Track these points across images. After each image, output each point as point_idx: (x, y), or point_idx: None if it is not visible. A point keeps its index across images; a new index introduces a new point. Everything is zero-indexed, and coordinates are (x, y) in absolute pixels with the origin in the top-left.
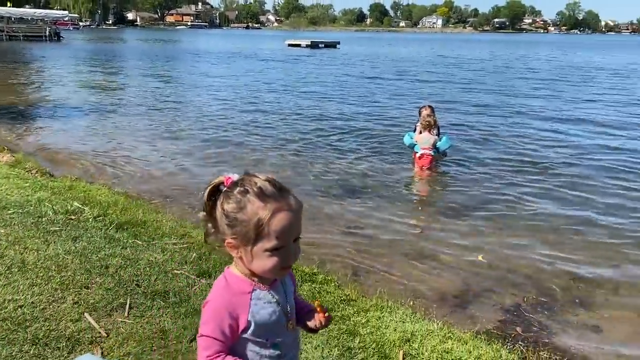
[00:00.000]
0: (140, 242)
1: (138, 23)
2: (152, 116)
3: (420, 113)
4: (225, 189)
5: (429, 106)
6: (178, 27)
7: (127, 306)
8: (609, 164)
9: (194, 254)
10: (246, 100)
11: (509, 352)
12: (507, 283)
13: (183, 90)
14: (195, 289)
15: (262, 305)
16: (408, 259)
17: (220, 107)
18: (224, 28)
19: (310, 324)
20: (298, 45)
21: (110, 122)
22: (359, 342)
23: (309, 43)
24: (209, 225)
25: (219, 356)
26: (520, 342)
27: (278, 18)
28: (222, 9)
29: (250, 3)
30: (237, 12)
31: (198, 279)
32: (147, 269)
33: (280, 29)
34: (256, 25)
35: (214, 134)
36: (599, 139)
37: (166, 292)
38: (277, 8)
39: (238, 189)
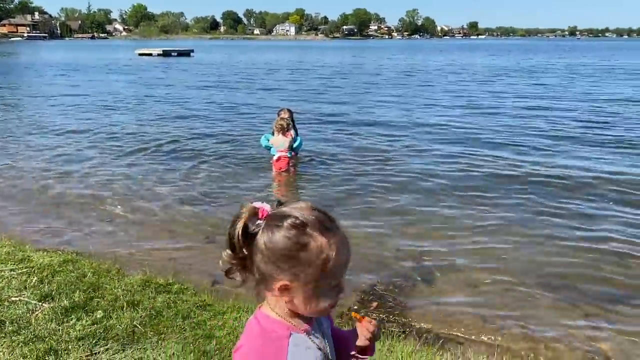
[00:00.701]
0: None
1: None
2: None
3: (278, 115)
4: (264, 222)
5: (288, 110)
6: (13, 38)
7: None
8: (443, 159)
9: (35, 278)
10: (91, 113)
11: None
12: (363, 269)
13: (20, 108)
14: (37, 314)
15: (301, 352)
16: None
17: (62, 123)
18: (67, 39)
19: (360, 342)
20: (149, 55)
21: None
22: (215, 345)
23: (161, 52)
24: (234, 264)
25: None
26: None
27: (126, 27)
28: (62, 19)
29: (95, 12)
30: (80, 22)
31: (40, 303)
32: None
33: (130, 39)
34: (103, 35)
35: (54, 149)
36: (430, 136)
37: (2, 322)
38: (124, 17)
39: (289, 222)
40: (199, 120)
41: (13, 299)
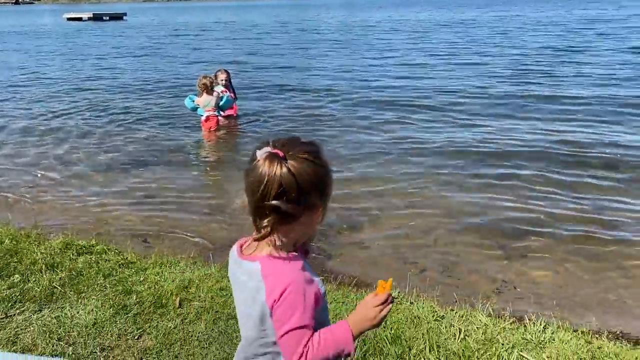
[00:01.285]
0: None
1: None
2: None
3: (216, 77)
4: (290, 160)
5: (225, 70)
6: None
7: None
8: (377, 120)
9: None
10: (17, 79)
11: None
12: None
13: None
14: None
15: (313, 274)
16: (199, 217)
17: None
18: None
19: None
20: (79, 19)
21: None
22: (135, 299)
23: (91, 16)
24: (277, 219)
25: (308, 341)
26: None
27: None
28: None
29: None
30: None
31: None
32: None
33: (58, 3)
34: (28, 0)
35: None
36: (364, 96)
37: None
38: None
39: (312, 152)
40: (127, 84)
41: None
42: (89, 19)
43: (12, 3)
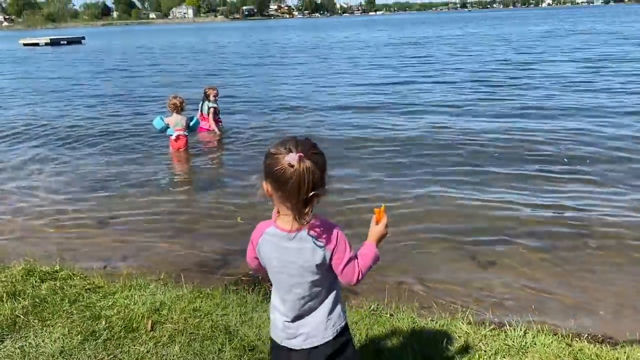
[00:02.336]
0: None
1: None
2: None
3: (205, 94)
4: (310, 157)
5: (214, 87)
6: None
7: None
8: (346, 127)
9: None
10: None
11: (257, 295)
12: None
13: None
14: None
15: None
16: (168, 239)
17: None
18: None
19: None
20: (36, 44)
21: None
22: (104, 324)
23: (49, 41)
24: (310, 206)
25: (358, 263)
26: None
27: (8, 17)
28: None
29: None
30: None
31: None
32: None
33: (13, 29)
34: None
35: None
36: (328, 113)
37: None
38: (4, 6)
39: (318, 147)
40: (89, 107)
41: None
42: (46, 44)
43: None
